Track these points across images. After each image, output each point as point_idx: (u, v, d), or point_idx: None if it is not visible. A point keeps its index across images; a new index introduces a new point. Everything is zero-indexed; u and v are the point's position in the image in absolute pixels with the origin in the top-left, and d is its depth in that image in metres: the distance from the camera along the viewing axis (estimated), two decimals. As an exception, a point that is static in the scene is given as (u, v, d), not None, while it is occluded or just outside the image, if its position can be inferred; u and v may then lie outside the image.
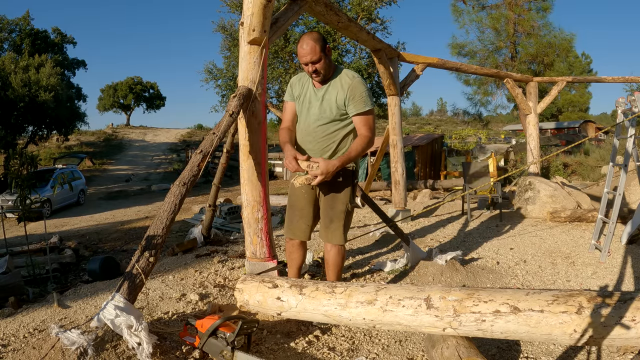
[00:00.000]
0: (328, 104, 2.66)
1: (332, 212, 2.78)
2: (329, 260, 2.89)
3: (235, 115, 2.97)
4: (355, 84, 2.62)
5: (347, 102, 2.62)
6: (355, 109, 2.62)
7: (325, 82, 2.69)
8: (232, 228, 6.74)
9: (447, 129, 35.98)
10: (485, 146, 16.96)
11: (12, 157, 4.85)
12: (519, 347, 2.51)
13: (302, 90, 2.80)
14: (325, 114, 2.68)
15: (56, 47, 29.49)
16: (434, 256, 3.80)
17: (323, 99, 2.68)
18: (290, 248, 3.01)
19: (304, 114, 2.78)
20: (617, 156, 4.68)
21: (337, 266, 2.89)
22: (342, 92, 2.62)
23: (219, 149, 5.07)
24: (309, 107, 2.75)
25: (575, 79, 10.70)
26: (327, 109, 2.67)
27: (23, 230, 5.29)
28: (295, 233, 2.92)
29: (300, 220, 2.89)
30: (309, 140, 2.76)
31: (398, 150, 6.50)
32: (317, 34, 2.61)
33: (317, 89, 2.72)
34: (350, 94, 2.60)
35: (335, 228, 2.79)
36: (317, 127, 2.71)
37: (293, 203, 2.92)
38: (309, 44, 2.55)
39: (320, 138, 2.71)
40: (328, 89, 2.67)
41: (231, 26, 16.68)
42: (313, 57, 2.55)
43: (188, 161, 3.06)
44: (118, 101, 42.90)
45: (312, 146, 2.75)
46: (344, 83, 2.63)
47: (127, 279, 2.26)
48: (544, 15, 17.24)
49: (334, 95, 2.64)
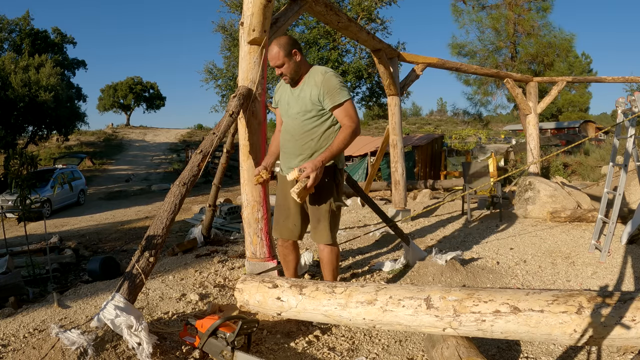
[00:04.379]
0: (304, 101, 2.70)
1: (318, 212, 2.78)
2: (323, 259, 2.91)
3: (235, 115, 2.97)
4: (326, 78, 2.63)
5: (322, 97, 2.63)
6: (332, 102, 2.62)
7: (298, 83, 2.75)
8: (232, 228, 6.74)
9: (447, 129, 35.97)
10: (485, 146, 16.93)
11: (12, 157, 4.85)
12: (519, 347, 2.51)
13: (282, 94, 2.87)
14: (302, 109, 2.71)
15: (56, 47, 29.47)
16: (434, 256, 3.79)
17: (299, 97, 2.73)
18: (283, 250, 3.01)
19: (285, 116, 2.85)
20: (617, 156, 4.68)
21: (331, 265, 2.91)
22: (316, 88, 2.64)
23: (219, 149, 5.08)
24: (287, 108, 2.80)
25: (575, 79, 10.70)
26: (302, 106, 2.70)
27: (23, 230, 5.29)
28: (282, 232, 2.93)
29: (287, 219, 2.90)
30: (288, 138, 2.79)
31: (398, 150, 6.50)
32: (284, 39, 2.66)
33: (293, 89, 2.78)
34: (324, 89, 2.62)
35: (322, 228, 2.79)
36: (296, 125, 2.74)
37: (280, 203, 2.94)
38: (273, 49, 2.64)
39: (298, 136, 2.73)
40: (303, 87, 2.72)
41: (231, 26, 16.70)
42: (277, 62, 2.64)
43: (188, 161, 3.07)
44: (118, 101, 42.86)
45: (291, 144, 2.77)
46: (317, 80, 2.65)
47: (127, 279, 2.26)
48: (544, 15, 17.24)
49: (308, 93, 2.67)
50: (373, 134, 29.48)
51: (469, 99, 19.94)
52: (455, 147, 19.13)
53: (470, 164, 7.38)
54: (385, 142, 7.36)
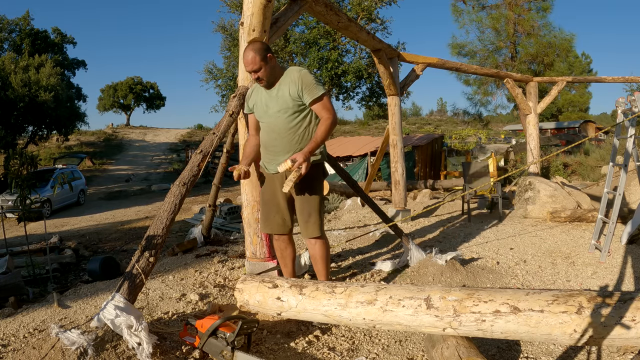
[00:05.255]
0: (283, 99, 2.76)
1: (308, 206, 2.85)
2: (315, 255, 2.95)
3: (235, 115, 2.97)
4: (303, 75, 2.73)
5: (301, 92, 2.71)
6: (311, 96, 2.70)
7: (273, 85, 2.79)
8: (232, 228, 6.74)
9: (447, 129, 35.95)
10: (485, 146, 16.91)
11: (12, 157, 4.85)
12: (519, 347, 2.51)
13: (257, 98, 2.89)
14: (283, 107, 2.76)
15: (56, 47, 29.47)
16: (434, 256, 3.79)
17: (277, 97, 2.77)
18: (280, 244, 3.06)
19: (264, 117, 2.85)
20: (617, 156, 4.68)
21: (324, 259, 2.95)
22: (294, 85, 2.72)
23: (219, 149, 5.08)
24: (266, 110, 2.82)
25: (575, 79, 10.70)
26: (283, 104, 2.76)
27: (23, 230, 5.29)
28: (273, 228, 2.98)
29: (277, 214, 2.95)
30: (274, 137, 2.82)
31: (398, 150, 6.50)
32: (259, 44, 2.72)
33: (269, 90, 2.81)
34: (302, 84, 2.70)
35: (314, 221, 2.85)
36: (281, 123, 2.78)
37: (267, 199, 2.97)
38: (249, 54, 2.67)
39: (285, 133, 2.78)
40: (280, 87, 2.78)
41: (231, 26, 16.71)
42: (254, 67, 2.67)
43: (188, 161, 3.07)
44: (118, 101, 42.84)
45: (278, 142, 2.81)
46: (294, 77, 2.73)
47: (127, 279, 2.26)
48: (544, 15, 17.23)
49: (287, 91, 2.74)
50: (373, 134, 29.47)
51: (469, 99, 19.94)
52: (455, 147, 19.12)
53: (470, 164, 7.37)
54: (385, 142, 7.36)
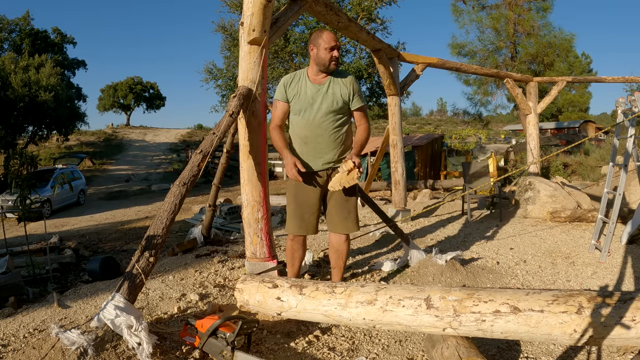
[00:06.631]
0: (334, 98, 2.85)
1: (347, 204, 2.97)
2: (342, 251, 3.05)
3: (235, 115, 2.97)
4: (353, 81, 2.90)
5: (351, 97, 2.87)
6: (359, 103, 2.90)
7: (322, 79, 2.88)
8: (232, 228, 6.74)
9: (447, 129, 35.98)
10: (485, 146, 16.92)
11: (12, 157, 4.85)
12: (519, 347, 2.51)
13: (300, 89, 2.91)
14: (334, 107, 2.85)
15: (56, 47, 29.48)
16: (434, 256, 3.79)
17: (328, 93, 2.85)
18: (294, 246, 3.09)
19: (307, 110, 2.88)
20: (617, 156, 4.68)
21: (347, 254, 3.11)
22: (345, 88, 2.86)
23: (219, 149, 5.08)
24: (312, 103, 2.87)
25: (575, 79, 10.69)
26: (334, 103, 2.85)
27: (23, 230, 5.29)
28: (308, 229, 3.02)
29: (312, 215, 3.00)
30: (319, 133, 2.87)
31: (398, 150, 6.50)
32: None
33: (316, 85, 2.87)
34: (353, 90, 2.87)
35: (353, 218, 2.99)
36: (327, 121, 2.86)
37: (303, 200, 2.98)
38: (330, 33, 2.82)
39: (331, 131, 2.87)
40: (330, 85, 2.86)
41: (231, 26, 16.69)
42: (338, 44, 2.80)
43: (188, 161, 3.07)
44: (118, 101, 42.87)
45: (323, 139, 2.87)
46: (345, 81, 2.88)
47: (127, 279, 2.26)
48: (544, 15, 17.23)
49: (338, 91, 2.85)
50: (373, 134, 29.41)
51: (469, 99, 19.95)
52: (455, 147, 19.13)
53: (470, 164, 7.37)
54: (385, 142, 7.36)
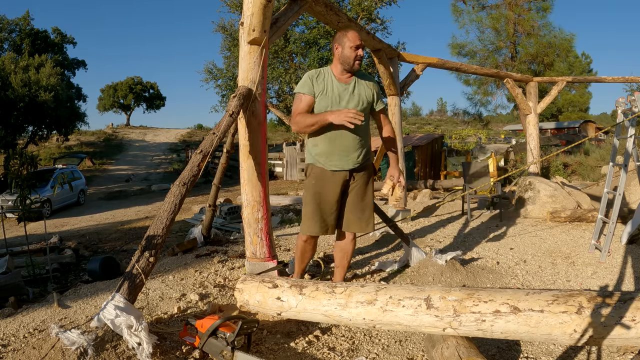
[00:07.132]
0: (361, 98, 2.87)
1: (363, 203, 3.00)
2: (350, 250, 3.09)
3: (235, 115, 2.97)
4: (375, 83, 2.96)
5: (375, 98, 2.94)
6: (382, 105, 2.99)
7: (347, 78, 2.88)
8: (232, 228, 6.74)
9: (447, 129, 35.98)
10: (485, 146, 16.92)
11: (12, 157, 4.85)
12: (519, 347, 2.51)
13: (327, 85, 2.85)
14: (361, 107, 2.86)
15: (56, 47, 29.48)
16: (434, 256, 3.79)
17: (354, 93, 2.86)
18: (306, 247, 3.09)
19: (334, 108, 2.81)
20: (617, 156, 4.68)
21: (352, 254, 3.16)
22: (369, 89, 2.91)
23: (219, 149, 5.07)
24: (339, 101, 2.84)
25: (575, 79, 10.68)
26: (360, 103, 2.87)
27: (23, 230, 5.29)
28: (328, 228, 3.00)
29: (331, 215, 2.98)
30: (346, 132, 2.79)
31: (398, 150, 6.49)
32: None
33: (343, 84, 2.86)
34: (376, 91, 2.93)
35: (369, 216, 3.01)
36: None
37: (324, 199, 2.92)
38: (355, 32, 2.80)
39: (357, 130, 2.84)
40: (357, 85, 2.88)
41: (231, 26, 16.67)
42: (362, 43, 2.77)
43: (188, 161, 3.07)
44: (118, 101, 42.86)
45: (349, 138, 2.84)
46: (369, 83, 2.93)
47: (127, 279, 2.26)
48: (544, 15, 17.24)
49: (364, 92, 2.89)
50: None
51: (469, 99, 19.96)
52: (455, 147, 19.12)
53: (470, 164, 7.37)
54: (385, 142, 7.34)
